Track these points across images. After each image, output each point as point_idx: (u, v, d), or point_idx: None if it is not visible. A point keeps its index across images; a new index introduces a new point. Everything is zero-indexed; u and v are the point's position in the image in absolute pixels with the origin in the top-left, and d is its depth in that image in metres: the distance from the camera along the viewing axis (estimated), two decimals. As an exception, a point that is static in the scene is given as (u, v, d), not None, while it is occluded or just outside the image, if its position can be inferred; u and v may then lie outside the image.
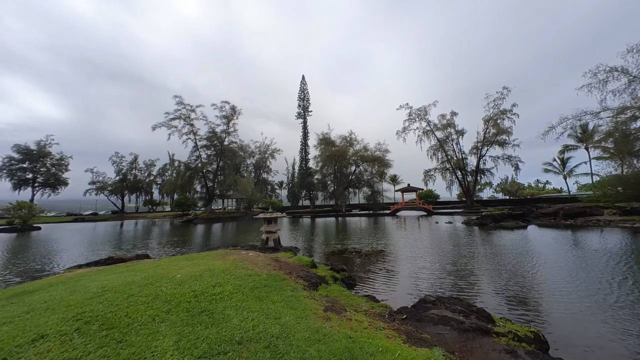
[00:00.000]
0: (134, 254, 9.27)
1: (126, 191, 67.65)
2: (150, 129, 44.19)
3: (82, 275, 4.34)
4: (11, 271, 9.23)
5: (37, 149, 57.24)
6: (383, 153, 50.45)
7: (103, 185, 64.65)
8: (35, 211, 39.61)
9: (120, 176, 65.59)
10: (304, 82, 60.45)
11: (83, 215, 63.15)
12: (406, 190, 45.27)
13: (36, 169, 57.73)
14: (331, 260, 9.24)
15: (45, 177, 58.86)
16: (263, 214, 10.86)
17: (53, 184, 60.06)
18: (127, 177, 66.28)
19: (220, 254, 6.01)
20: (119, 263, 7.92)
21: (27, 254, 13.13)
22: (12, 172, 55.55)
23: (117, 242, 17.93)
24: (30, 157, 56.27)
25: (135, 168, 68.21)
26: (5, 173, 55.17)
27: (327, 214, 46.84)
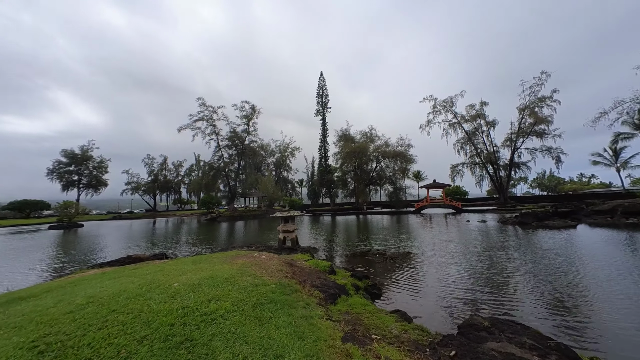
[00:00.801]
0: (152, 252, 9.27)
1: (157, 191, 71.90)
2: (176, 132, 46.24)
3: (83, 279, 4.09)
4: (59, 263, 10.22)
5: (81, 153, 63.07)
6: (405, 148, 48.23)
7: (137, 186, 69.27)
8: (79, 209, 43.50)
9: (152, 177, 69.80)
10: (322, 79, 59.63)
11: (121, 213, 68.15)
12: (431, 187, 42.80)
13: (80, 171, 63.55)
14: (352, 263, 8.49)
15: (88, 178, 64.60)
16: (279, 213, 10.37)
17: (95, 185, 65.83)
18: (158, 177, 70.38)
19: (230, 256, 5.55)
20: (137, 262, 7.88)
21: (71, 249, 14.57)
22: (61, 175, 61.68)
23: (148, 239, 18.75)
24: (76, 161, 62.12)
25: (165, 169, 72.18)
26: (56, 175, 61.40)
27: (348, 212, 45.87)
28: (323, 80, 59.76)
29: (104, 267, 6.21)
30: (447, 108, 45.48)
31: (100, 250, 14.20)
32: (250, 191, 51.23)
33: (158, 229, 27.12)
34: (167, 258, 8.63)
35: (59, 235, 24.99)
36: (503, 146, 43.22)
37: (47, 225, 37.30)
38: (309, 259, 6.53)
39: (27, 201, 59.23)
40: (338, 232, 18.28)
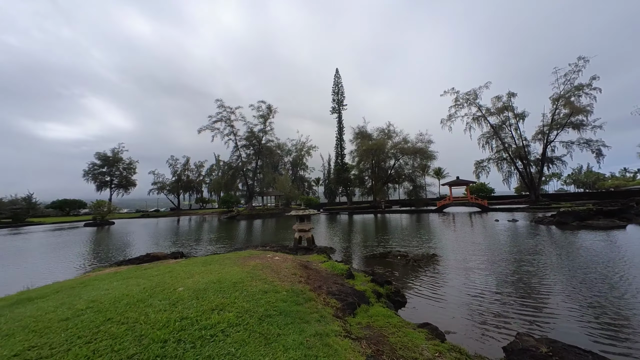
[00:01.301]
0: (170, 251, 9.37)
1: (181, 190, 75.01)
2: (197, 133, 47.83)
3: (96, 279, 4.01)
4: (86, 260, 10.95)
5: (112, 156, 67.45)
6: (425, 144, 46.30)
7: (162, 185, 72.69)
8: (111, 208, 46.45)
9: (175, 177, 72.94)
10: (337, 76, 58.85)
11: (148, 212, 71.91)
12: (454, 184, 40.71)
13: (112, 172, 68.02)
14: (371, 265, 7.96)
15: (119, 179, 68.97)
16: (295, 211, 10.07)
17: (125, 185, 70.17)
18: (181, 177, 73.41)
19: (243, 256, 5.31)
20: (154, 261, 7.95)
21: (100, 246, 15.68)
22: (95, 176, 66.39)
23: (170, 237, 19.46)
24: (107, 163, 66.60)
25: (188, 169, 75.07)
26: (91, 177, 66.13)
27: (365, 210, 44.93)
28: (339, 78, 58.98)
29: (122, 266, 6.24)
30: (471, 101, 43.00)
31: (125, 248, 14.83)
32: (267, 190, 51.86)
33: (181, 227, 28.37)
34: (183, 257, 8.67)
35: (93, 232, 26.80)
36: (534, 140, 40.11)
37: (83, 223, 40.10)
38: (325, 260, 6.14)
39: (66, 200, 64.36)
40: (355, 232, 17.74)
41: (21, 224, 41.95)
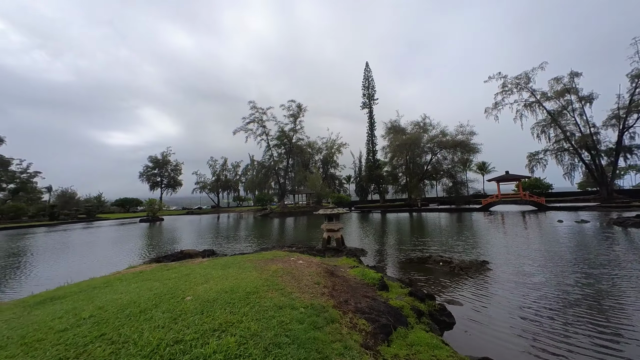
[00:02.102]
0: (202, 249, 9.61)
1: (220, 189, 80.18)
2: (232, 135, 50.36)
3: (118, 279, 4.00)
4: (138, 253, 12.08)
5: (162, 158, 75.08)
6: (467, 136, 42.27)
7: (204, 185, 78.44)
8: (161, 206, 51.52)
9: (215, 177, 78.18)
10: (367, 69, 56.83)
11: (192, 209, 78.21)
12: (503, 180, 36.35)
13: (162, 173, 75.58)
14: (408, 272, 7.06)
15: (168, 179, 76.35)
16: (323, 210, 9.56)
17: (172, 185, 77.50)
18: (220, 177, 78.44)
19: (265, 259, 4.98)
20: (186, 258, 8.17)
21: (149, 241, 17.47)
22: (148, 177, 74.49)
23: (207, 233, 20.61)
24: (158, 165, 74.27)
25: (225, 169, 79.86)
26: (145, 178, 74.34)
27: (400, 209, 42.71)
28: (369, 71, 56.93)
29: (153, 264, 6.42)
30: (521, 85, 38.03)
31: (168, 243, 15.97)
32: (299, 188, 52.50)
33: (219, 224, 30.17)
34: (213, 254, 8.81)
35: (145, 227, 29.91)
36: (605, 126, 33.96)
37: (138, 219, 45.00)
38: (354, 265, 5.51)
39: (126, 199, 73.38)
40: (389, 232, 16.65)
41: (92, 219, 48.74)
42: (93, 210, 55.95)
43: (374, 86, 56.73)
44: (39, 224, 39.34)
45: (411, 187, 45.92)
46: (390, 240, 12.84)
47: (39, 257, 12.37)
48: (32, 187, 58.46)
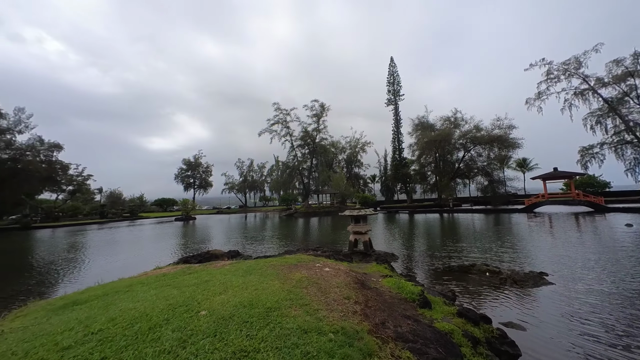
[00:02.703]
0: (227, 249, 9.62)
1: (247, 189, 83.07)
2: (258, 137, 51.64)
3: (140, 283, 3.89)
4: (169, 252, 12.73)
5: (194, 161, 80.00)
6: (505, 131, 38.76)
7: (232, 185, 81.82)
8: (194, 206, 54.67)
9: (242, 177, 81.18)
10: (392, 64, 54.76)
11: (222, 209, 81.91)
12: (551, 177, 32.52)
13: (194, 175, 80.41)
14: (448, 283, 6.22)
15: (199, 180, 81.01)
16: (349, 211, 9.01)
17: (204, 186, 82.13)
18: (246, 178, 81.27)
19: (289, 264, 4.61)
20: (212, 259, 8.17)
21: (184, 238, 18.39)
22: (183, 178, 79.72)
23: (234, 233, 21.14)
24: (191, 167, 79.18)
25: (252, 170, 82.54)
26: (179, 179, 79.70)
27: (429, 209, 40.41)
28: (394, 67, 54.82)
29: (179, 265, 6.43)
30: (570, 72, 33.72)
31: (198, 242, 16.56)
32: (323, 188, 52.26)
33: (247, 223, 31.19)
34: (238, 255, 8.75)
35: (180, 225, 31.81)
36: (681, 113, 28.86)
37: (174, 218, 48.05)
38: (387, 274, 4.93)
39: (164, 199, 79.16)
40: (419, 235, 15.56)
41: (135, 218, 53.12)
42: (136, 210, 61.15)
43: (400, 82, 54.52)
44: (91, 222, 43.81)
45: (442, 187, 43.28)
46: (422, 245, 11.85)
47: (91, 252, 13.70)
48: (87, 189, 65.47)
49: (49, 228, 35.85)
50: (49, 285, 7.90)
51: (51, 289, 7.57)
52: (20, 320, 2.88)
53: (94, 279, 7.47)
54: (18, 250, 16.69)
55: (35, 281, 8.03)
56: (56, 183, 50.02)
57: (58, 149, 45.16)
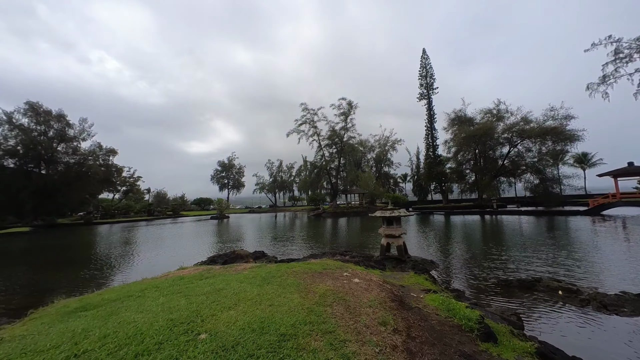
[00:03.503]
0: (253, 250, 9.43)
1: (276, 189, 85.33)
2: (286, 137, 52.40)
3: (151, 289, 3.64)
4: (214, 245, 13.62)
5: (228, 162, 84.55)
6: (560, 121, 33.92)
7: (263, 186, 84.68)
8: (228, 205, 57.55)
9: (272, 178, 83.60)
10: (425, 57, 51.51)
11: (253, 208, 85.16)
12: (624, 174, 27.44)
13: (228, 176, 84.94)
14: (507, 300, 5.09)
15: (233, 181, 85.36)
16: (381, 212, 8.16)
17: (237, 186, 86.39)
18: (276, 178, 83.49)
19: (312, 272, 4.05)
20: (236, 260, 7.99)
21: (219, 236, 19.15)
22: (218, 179, 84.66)
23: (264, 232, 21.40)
24: (225, 168, 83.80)
25: (281, 171, 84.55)
26: (215, 180, 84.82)
27: (468, 210, 37.07)
28: (426, 59, 51.53)
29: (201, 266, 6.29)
30: (650, 47, 28.20)
31: (228, 241, 16.95)
32: (351, 188, 51.16)
33: (276, 222, 31.76)
34: (264, 256, 8.48)
35: (214, 224, 33.48)
36: None
37: (209, 216, 50.95)
38: (429, 288, 4.09)
39: (202, 199, 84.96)
40: (459, 239, 13.95)
41: (177, 216, 57.51)
42: (178, 208, 66.33)
43: (433, 74, 51.13)
44: (140, 219, 48.37)
45: (483, 186, 39.47)
46: (465, 251, 10.42)
47: (139, 247, 14.82)
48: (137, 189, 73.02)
49: (107, 224, 40.30)
50: (100, 278, 8.40)
51: (101, 281, 8.03)
52: (31, 324, 2.76)
53: (134, 274, 8.03)
54: (81, 243, 18.77)
55: (89, 275, 8.58)
56: (112, 184, 56.42)
57: (113, 154, 50.84)
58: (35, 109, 41.19)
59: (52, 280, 8.31)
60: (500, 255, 9.27)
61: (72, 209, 46.93)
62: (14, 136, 39.14)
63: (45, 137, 41.50)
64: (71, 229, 32.62)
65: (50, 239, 21.24)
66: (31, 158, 40.87)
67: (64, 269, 9.87)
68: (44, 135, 41.58)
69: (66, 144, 44.14)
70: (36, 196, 39.41)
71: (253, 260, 7.46)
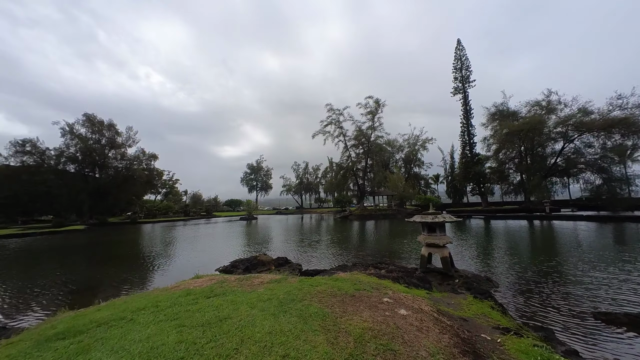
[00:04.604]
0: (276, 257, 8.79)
1: (303, 191, 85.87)
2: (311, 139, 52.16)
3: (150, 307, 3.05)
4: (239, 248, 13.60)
5: (256, 165, 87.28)
6: (631, 111, 28.93)
7: (289, 187, 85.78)
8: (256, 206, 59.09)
9: (298, 180, 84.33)
10: (459, 48, 47.72)
11: (280, 209, 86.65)
12: None
13: (257, 178, 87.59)
14: (615, 346, 3.65)
15: (261, 183, 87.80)
16: (421, 217, 6.96)
17: (265, 188, 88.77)
18: (302, 180, 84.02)
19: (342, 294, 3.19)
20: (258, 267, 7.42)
21: (246, 239, 19.21)
22: (247, 181, 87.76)
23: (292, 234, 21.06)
24: (254, 171, 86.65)
25: (307, 173, 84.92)
26: (244, 182, 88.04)
27: (513, 215, 33.13)
28: (461, 49, 47.70)
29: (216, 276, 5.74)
30: None
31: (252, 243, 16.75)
32: (378, 189, 49.13)
33: (303, 224, 31.49)
34: (287, 263, 7.80)
35: (243, 224, 34.20)
36: None
37: (239, 217, 52.53)
38: (505, 326, 2.96)
39: (233, 200, 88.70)
40: (510, 249, 11.95)
41: (210, 216, 60.42)
42: (211, 209, 69.89)
43: (469, 66, 47.17)
44: (178, 219, 51.57)
45: (532, 187, 35.04)
46: (523, 265, 8.60)
47: (176, 247, 15.30)
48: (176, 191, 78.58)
49: (149, 223, 43.46)
50: (139, 278, 8.52)
51: (136, 280, 8.13)
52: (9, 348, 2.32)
53: (162, 277, 7.98)
54: (127, 240, 20.17)
55: (126, 275, 8.70)
56: (154, 186, 61.27)
57: (155, 159, 55.16)
58: (91, 119, 46.27)
59: (97, 277, 8.75)
60: (574, 274, 7.45)
61: (121, 208, 51.75)
62: (74, 144, 44.33)
63: (98, 145, 46.40)
64: (119, 227, 35.62)
65: (102, 236, 23.28)
66: (87, 163, 45.94)
67: (112, 265, 10.61)
68: (97, 142, 46.52)
69: (115, 150, 48.92)
70: (92, 197, 44.14)
71: (275, 268, 6.83)
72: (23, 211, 41.93)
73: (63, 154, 43.56)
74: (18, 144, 39.64)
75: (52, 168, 42.05)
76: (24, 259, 13.46)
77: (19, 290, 7.53)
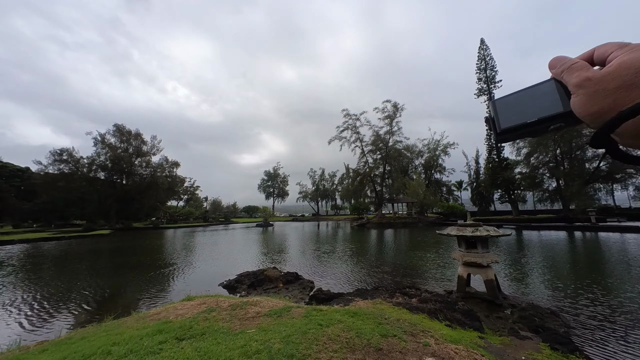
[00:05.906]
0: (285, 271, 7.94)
1: (319, 198, 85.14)
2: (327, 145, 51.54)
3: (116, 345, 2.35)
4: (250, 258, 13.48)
5: (273, 172, 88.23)
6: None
7: (305, 194, 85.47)
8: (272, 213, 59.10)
9: (314, 187, 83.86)
10: (483, 47, 45.32)
11: (297, 216, 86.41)
12: None
13: (273, 185, 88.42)
14: None
15: (278, 190, 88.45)
16: (457, 229, 5.76)
17: (281, 195, 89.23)
18: (318, 187, 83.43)
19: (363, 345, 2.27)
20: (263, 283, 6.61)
21: (260, 247, 18.85)
22: (264, 188, 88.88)
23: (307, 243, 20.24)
24: (271, 178, 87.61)
25: (323, 179, 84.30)
26: (262, 189, 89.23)
27: (550, 224, 29.92)
28: (485, 49, 45.28)
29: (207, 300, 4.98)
30: None
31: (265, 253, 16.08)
32: (397, 196, 47.09)
33: (319, 232, 30.56)
34: (297, 280, 6.93)
35: (259, 231, 33.89)
36: None
37: (255, 224, 52.67)
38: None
39: (250, 206, 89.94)
40: (556, 266, 10.20)
41: (228, 222, 61.31)
42: (229, 215, 71.08)
43: (495, 66, 44.61)
44: (198, 225, 52.80)
45: (571, 194, 31.73)
46: (591, 290, 6.96)
47: (195, 255, 15.21)
48: (197, 197, 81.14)
49: (171, 228, 44.66)
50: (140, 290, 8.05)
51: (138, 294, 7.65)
52: None
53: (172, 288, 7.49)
54: (149, 246, 20.40)
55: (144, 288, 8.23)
56: (176, 193, 63.53)
57: (177, 166, 57.30)
58: (121, 129, 49.16)
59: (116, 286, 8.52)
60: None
61: (145, 214, 53.97)
62: (105, 153, 47.16)
63: (126, 153, 49.02)
64: (143, 232, 36.75)
65: (126, 241, 23.87)
66: (116, 171, 48.57)
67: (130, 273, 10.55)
68: (125, 151, 49.19)
69: (141, 158, 51.42)
70: (119, 203, 46.40)
71: (283, 285, 5.99)
72: (60, 216, 44.93)
73: (94, 162, 46.36)
74: (56, 153, 42.70)
75: (85, 175, 44.83)
76: (48, 263, 13.80)
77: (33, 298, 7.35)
